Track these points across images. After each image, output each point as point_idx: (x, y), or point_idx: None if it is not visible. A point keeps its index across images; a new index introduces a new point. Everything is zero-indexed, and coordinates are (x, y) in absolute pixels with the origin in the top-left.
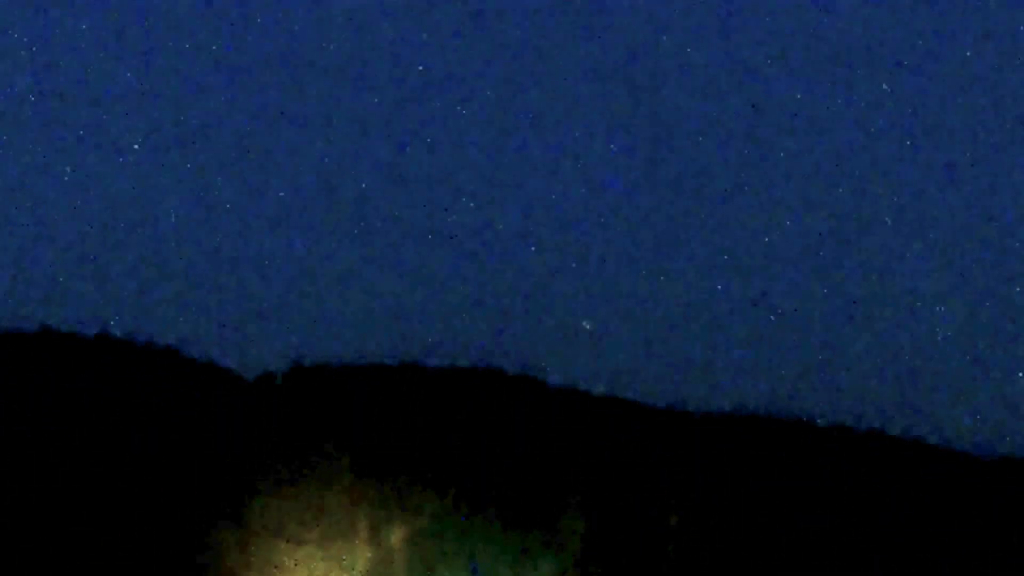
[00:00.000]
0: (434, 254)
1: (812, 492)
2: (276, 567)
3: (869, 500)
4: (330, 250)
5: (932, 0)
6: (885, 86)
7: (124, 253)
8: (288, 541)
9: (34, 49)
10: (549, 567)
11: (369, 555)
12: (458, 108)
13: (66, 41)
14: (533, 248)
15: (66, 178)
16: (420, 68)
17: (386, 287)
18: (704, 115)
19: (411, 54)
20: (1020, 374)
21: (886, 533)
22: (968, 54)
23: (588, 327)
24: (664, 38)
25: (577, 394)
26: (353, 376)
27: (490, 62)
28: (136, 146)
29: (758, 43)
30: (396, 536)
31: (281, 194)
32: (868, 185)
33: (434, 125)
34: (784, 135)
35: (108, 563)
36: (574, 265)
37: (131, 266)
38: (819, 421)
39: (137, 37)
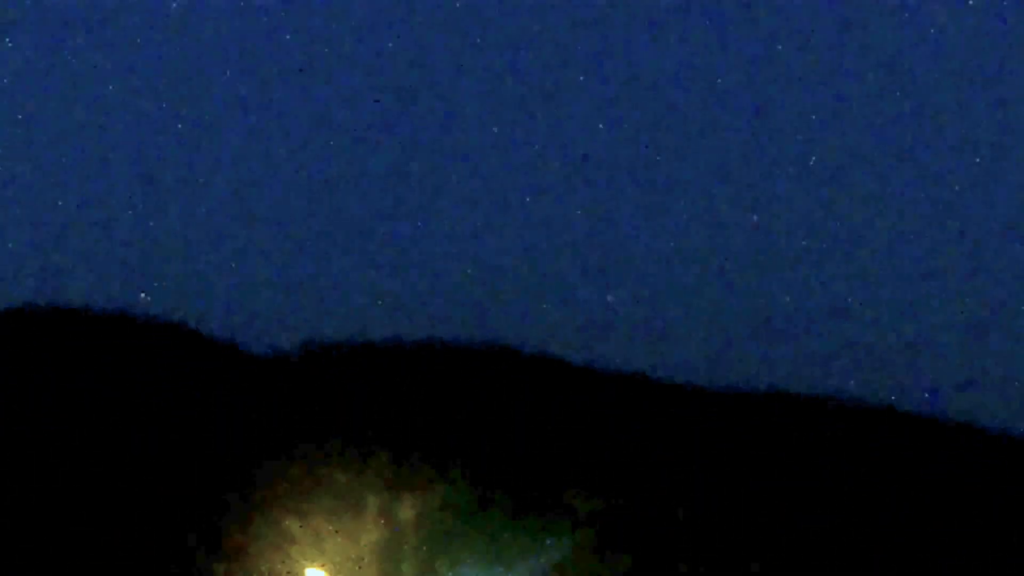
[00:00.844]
0: (442, 238)
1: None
2: (286, 540)
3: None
4: (341, 235)
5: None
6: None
7: (144, 237)
8: (299, 516)
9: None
10: (560, 545)
11: (378, 530)
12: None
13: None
14: (531, 237)
15: (92, 168)
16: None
17: (397, 269)
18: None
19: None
20: None
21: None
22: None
23: (611, 299)
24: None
25: (589, 372)
26: (364, 355)
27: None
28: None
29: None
30: (406, 514)
31: (294, 180)
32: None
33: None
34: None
35: (124, 531)
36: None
37: (150, 249)
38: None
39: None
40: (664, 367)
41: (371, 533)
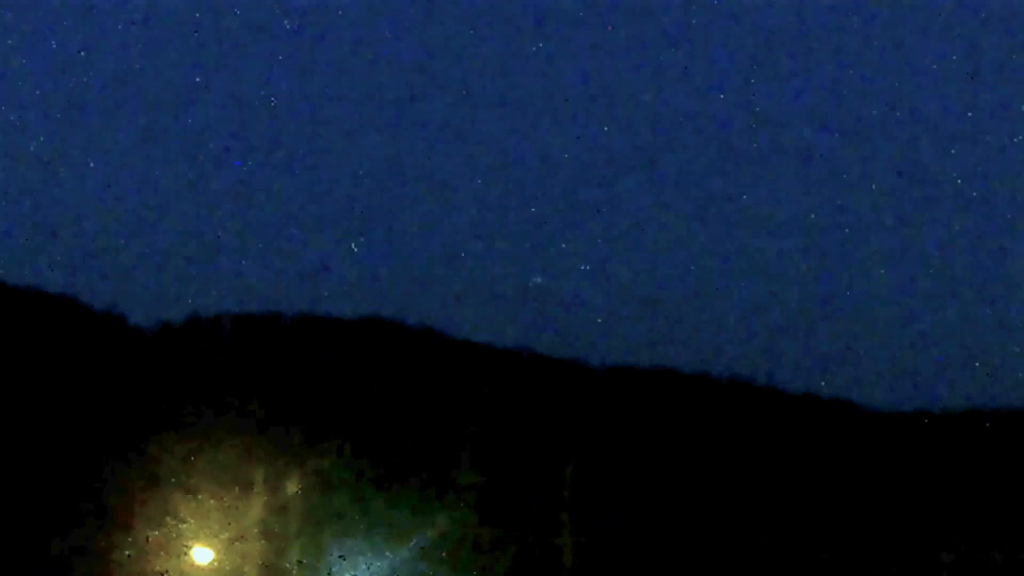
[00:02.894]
0: (345, 208)
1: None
2: (173, 514)
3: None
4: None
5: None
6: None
7: (32, 207)
8: (185, 489)
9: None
10: (446, 517)
11: (264, 504)
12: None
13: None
14: (417, 210)
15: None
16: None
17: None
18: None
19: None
20: None
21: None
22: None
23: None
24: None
25: (472, 345)
26: (251, 326)
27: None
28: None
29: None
30: (290, 487)
31: (173, 159)
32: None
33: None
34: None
35: (9, 504)
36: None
37: (35, 218)
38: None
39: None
40: (548, 343)
41: (256, 507)
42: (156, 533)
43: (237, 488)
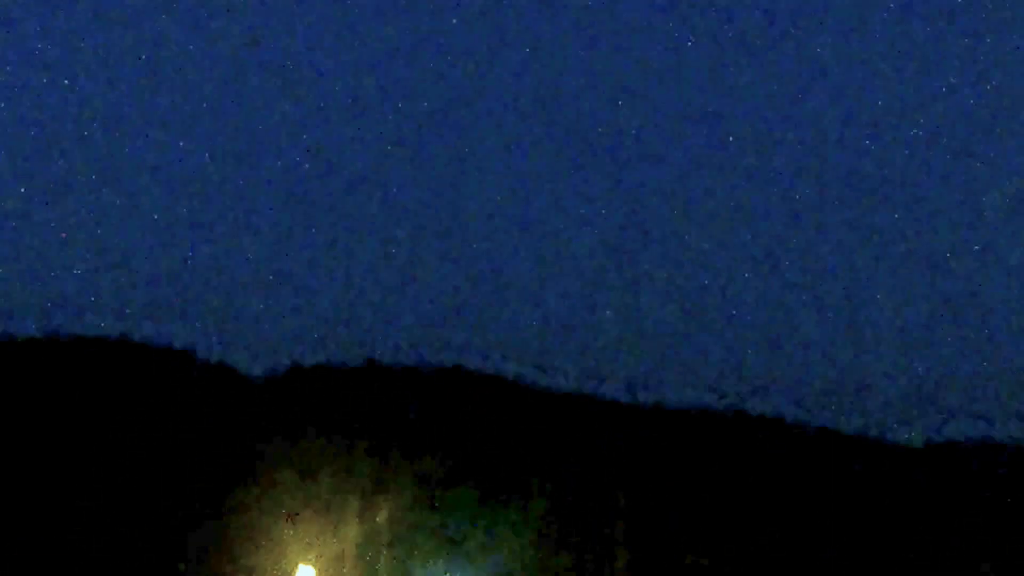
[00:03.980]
0: (425, 264)
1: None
2: (279, 550)
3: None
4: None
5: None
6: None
7: (140, 262)
8: (293, 527)
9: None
10: (520, 540)
11: (359, 530)
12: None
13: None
14: (522, 262)
15: (83, 187)
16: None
17: (378, 292)
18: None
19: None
20: None
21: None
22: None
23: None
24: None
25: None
26: (346, 375)
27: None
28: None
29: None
30: (381, 514)
31: (285, 205)
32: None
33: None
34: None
35: (128, 543)
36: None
37: (147, 274)
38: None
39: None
40: (607, 388)
41: (352, 531)
42: (267, 557)
43: (336, 515)
